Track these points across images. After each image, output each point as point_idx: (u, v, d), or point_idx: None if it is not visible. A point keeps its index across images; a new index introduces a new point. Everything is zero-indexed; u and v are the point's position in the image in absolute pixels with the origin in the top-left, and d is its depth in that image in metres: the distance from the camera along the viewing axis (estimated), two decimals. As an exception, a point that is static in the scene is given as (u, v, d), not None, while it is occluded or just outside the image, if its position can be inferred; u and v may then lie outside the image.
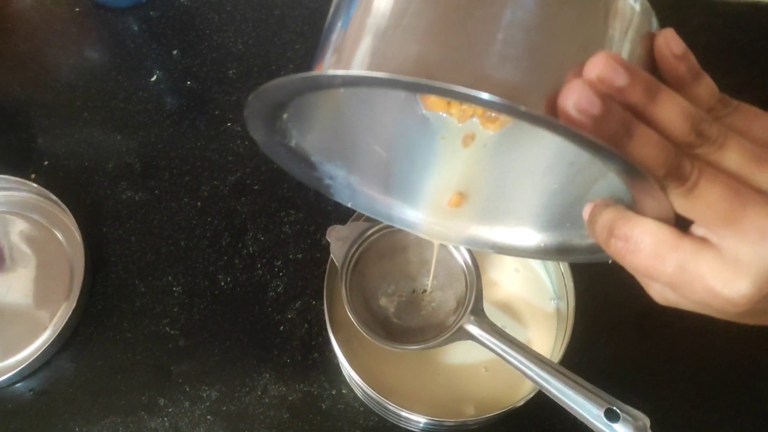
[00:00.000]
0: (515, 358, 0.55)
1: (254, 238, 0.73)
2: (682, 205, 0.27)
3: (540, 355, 0.55)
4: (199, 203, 0.75)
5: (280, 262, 0.72)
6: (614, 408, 0.51)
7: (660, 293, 0.31)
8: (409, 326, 0.62)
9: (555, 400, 0.53)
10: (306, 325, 0.69)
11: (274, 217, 0.74)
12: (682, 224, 0.28)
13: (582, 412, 0.52)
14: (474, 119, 0.39)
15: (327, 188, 0.49)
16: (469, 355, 0.64)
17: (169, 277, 0.71)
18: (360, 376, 0.58)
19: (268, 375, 0.67)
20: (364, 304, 0.62)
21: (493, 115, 0.38)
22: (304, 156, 0.43)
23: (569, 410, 0.52)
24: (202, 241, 0.73)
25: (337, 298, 0.67)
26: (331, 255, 0.62)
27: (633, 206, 0.30)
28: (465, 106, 0.38)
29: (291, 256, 0.72)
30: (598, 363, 0.65)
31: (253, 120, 0.35)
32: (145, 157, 0.77)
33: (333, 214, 0.74)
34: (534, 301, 0.65)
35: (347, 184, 0.48)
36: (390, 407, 0.57)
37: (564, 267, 0.62)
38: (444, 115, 0.39)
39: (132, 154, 0.77)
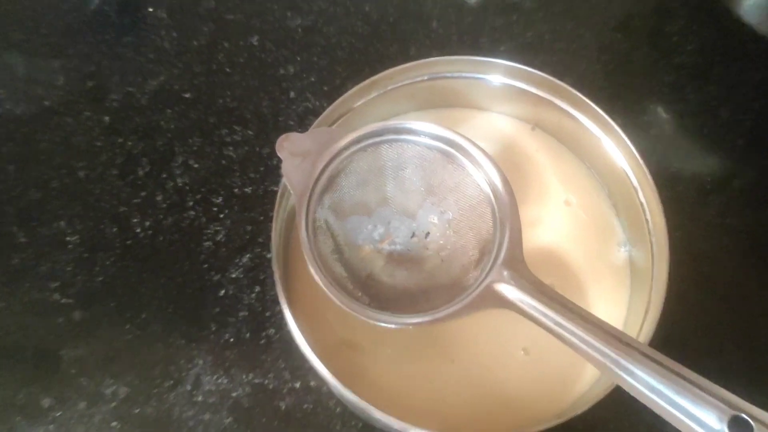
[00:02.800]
0: (578, 336, 0.34)
1: (184, 166, 0.52)
2: None
3: (619, 331, 0.34)
4: (106, 118, 0.53)
5: (220, 198, 0.51)
6: (742, 415, 0.32)
7: None
8: (407, 288, 0.41)
9: (644, 402, 0.32)
10: (257, 289, 0.48)
11: (213, 137, 0.52)
12: None
13: (690, 423, 0.32)
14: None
15: None
16: (499, 332, 0.42)
17: (62, 223, 0.50)
18: (329, 370, 0.37)
19: (201, 361, 0.46)
20: (336, 255, 0.40)
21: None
22: None
23: (667, 417, 0.32)
24: (110, 170, 0.51)
25: (295, 247, 0.45)
26: (284, 179, 0.40)
27: None
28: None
29: (236, 191, 0.51)
30: (696, 344, 0.44)
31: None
32: (29, 53, 0.54)
33: (296, 129, 0.52)
34: (594, 248, 0.44)
35: None
36: (377, 416, 0.36)
37: (645, 194, 0.40)
38: None
39: (12, 51, 0.55)
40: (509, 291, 0.36)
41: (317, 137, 0.40)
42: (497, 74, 0.45)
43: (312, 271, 0.37)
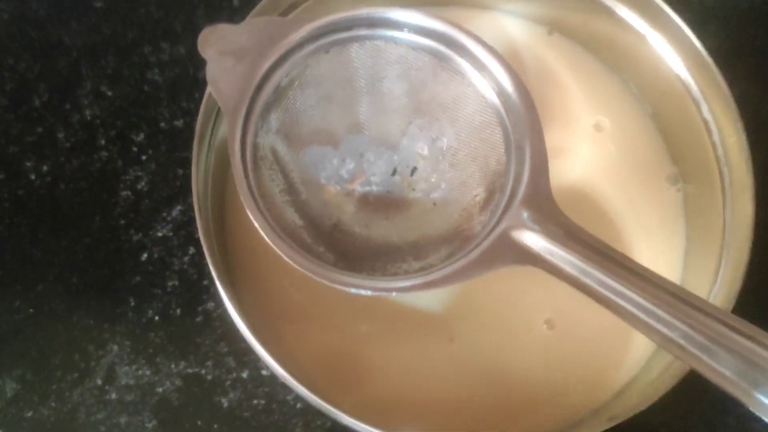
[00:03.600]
0: (634, 303, 0.24)
1: (94, 94, 0.40)
2: None
3: (694, 296, 0.23)
4: (-10, 32, 0.41)
5: (142, 135, 0.39)
6: None
7: None
8: (387, 242, 0.30)
9: (731, 391, 0.22)
10: (192, 250, 0.37)
11: (132, 56, 0.41)
12: None
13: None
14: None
15: None
16: (514, 300, 0.31)
17: (-70, 168, 0.38)
18: (273, 355, 0.26)
19: (116, 347, 0.35)
20: (289, 197, 0.29)
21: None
22: None
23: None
24: (-5, 100, 0.39)
25: (231, 190, 0.34)
26: (209, 88, 0.28)
27: None
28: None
29: (163, 125, 0.39)
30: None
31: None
32: None
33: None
34: (634, 187, 0.33)
35: None
36: (346, 421, 0.25)
37: (713, 108, 0.29)
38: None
39: None
40: (533, 239, 0.25)
41: (258, 30, 0.28)
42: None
43: (251, 215, 0.25)
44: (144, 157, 0.39)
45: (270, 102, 0.28)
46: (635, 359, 0.30)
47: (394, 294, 0.26)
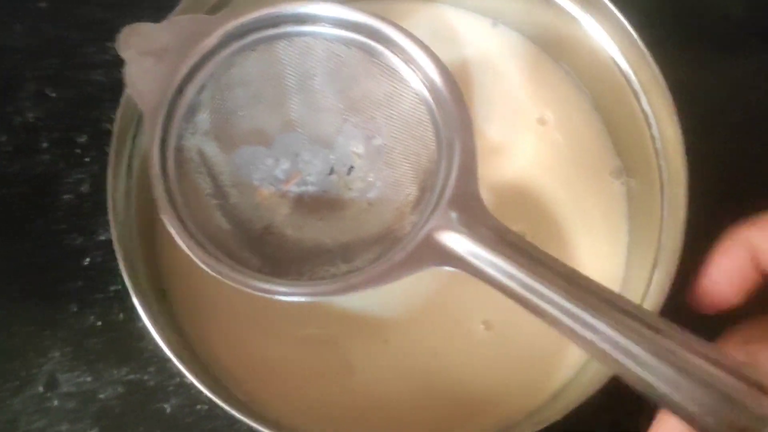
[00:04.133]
0: (559, 307, 0.23)
1: (37, 96, 0.39)
2: None
3: (620, 297, 0.23)
4: (-69, 35, 0.40)
5: (84, 137, 0.38)
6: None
7: None
8: (318, 244, 0.29)
9: (658, 401, 0.22)
10: (135, 254, 0.36)
11: (76, 57, 0.40)
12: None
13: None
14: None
15: None
16: (451, 300, 0.30)
17: None
18: (190, 371, 0.25)
19: (58, 353, 0.35)
20: (216, 201, 0.28)
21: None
22: None
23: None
24: (-64, 103, 0.39)
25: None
26: (128, 90, 0.27)
27: None
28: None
29: (106, 126, 0.38)
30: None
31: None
32: None
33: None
34: (579, 182, 0.32)
35: None
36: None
37: (651, 100, 0.29)
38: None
39: None
40: (458, 242, 0.24)
41: (180, 29, 0.28)
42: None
43: (165, 220, 0.25)
44: (87, 159, 0.38)
45: (195, 103, 0.28)
46: (573, 361, 0.29)
47: (322, 299, 0.26)
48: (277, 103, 0.30)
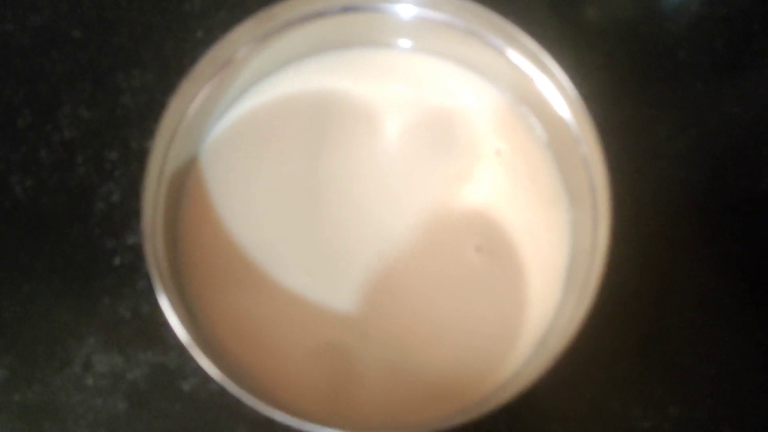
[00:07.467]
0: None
1: (73, 117, 0.45)
2: None
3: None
4: (-21, 61, 0.46)
5: (115, 153, 0.44)
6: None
7: None
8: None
9: None
10: (158, 256, 0.42)
11: (106, 82, 0.46)
12: None
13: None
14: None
15: None
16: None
17: (-74, 183, 0.43)
18: (201, 357, 0.32)
19: (93, 339, 0.41)
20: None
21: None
22: None
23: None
24: (-16, 122, 0.44)
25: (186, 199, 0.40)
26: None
27: None
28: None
29: (133, 145, 0.44)
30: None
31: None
32: None
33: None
34: (530, 209, 0.39)
35: None
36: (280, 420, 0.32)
37: (589, 145, 0.35)
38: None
39: None
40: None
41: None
42: (408, 3, 0.38)
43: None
44: (116, 173, 0.44)
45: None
46: (522, 350, 0.36)
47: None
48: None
